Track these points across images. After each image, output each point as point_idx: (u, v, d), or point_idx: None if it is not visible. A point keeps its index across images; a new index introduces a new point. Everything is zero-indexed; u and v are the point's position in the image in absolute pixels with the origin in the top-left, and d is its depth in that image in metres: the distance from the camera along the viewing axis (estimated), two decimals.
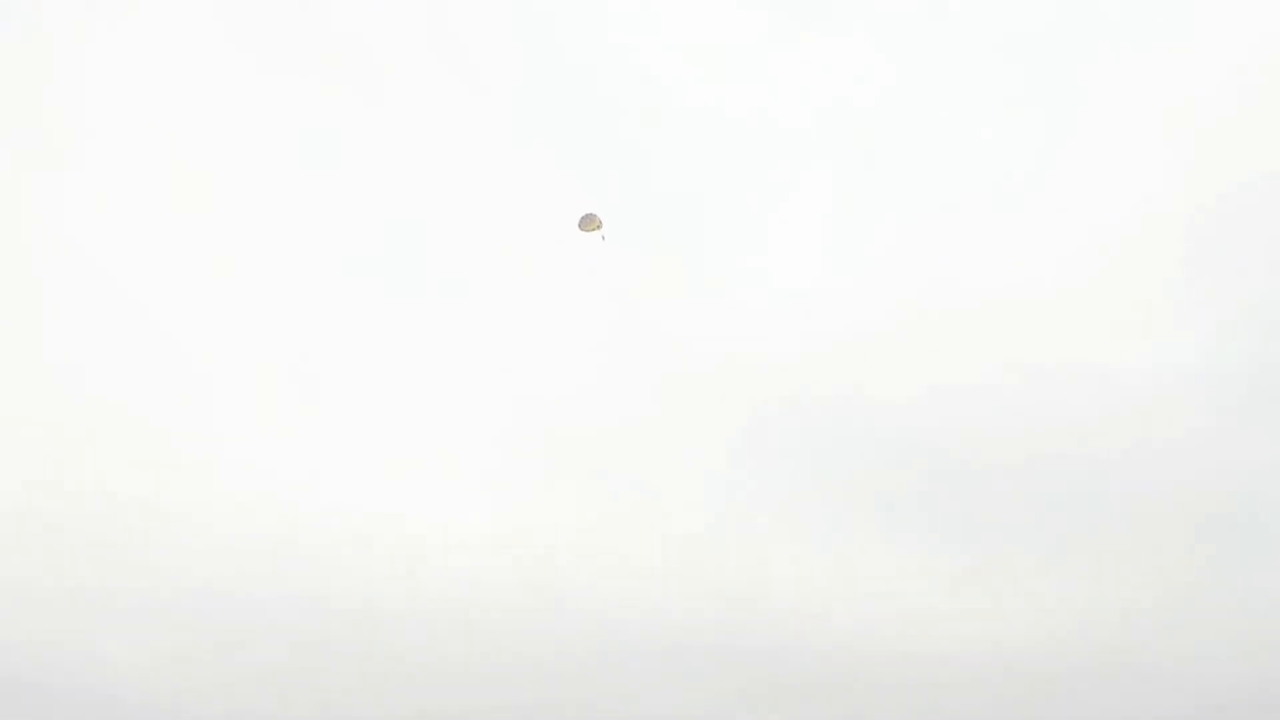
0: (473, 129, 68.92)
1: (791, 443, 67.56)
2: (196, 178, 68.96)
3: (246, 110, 69.04)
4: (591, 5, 68.07)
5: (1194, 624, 62.86)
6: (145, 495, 64.28)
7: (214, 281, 69.28)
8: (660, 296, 68.61)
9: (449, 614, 64.55)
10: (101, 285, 67.34)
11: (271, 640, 63.34)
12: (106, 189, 67.65)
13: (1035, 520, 66.01)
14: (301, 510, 65.52)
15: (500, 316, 69.50)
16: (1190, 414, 65.80)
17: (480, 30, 68.33)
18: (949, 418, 67.35)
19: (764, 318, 68.18)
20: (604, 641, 64.34)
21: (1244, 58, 65.74)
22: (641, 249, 66.14)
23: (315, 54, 68.38)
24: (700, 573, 65.65)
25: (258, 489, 65.52)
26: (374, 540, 65.73)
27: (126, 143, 68.16)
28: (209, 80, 68.71)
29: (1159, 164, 67.19)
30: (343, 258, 69.89)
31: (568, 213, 58.05)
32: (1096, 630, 63.85)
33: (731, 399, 67.89)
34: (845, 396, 67.40)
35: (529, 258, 68.36)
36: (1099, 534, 65.43)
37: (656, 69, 68.18)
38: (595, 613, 64.87)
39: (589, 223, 55.65)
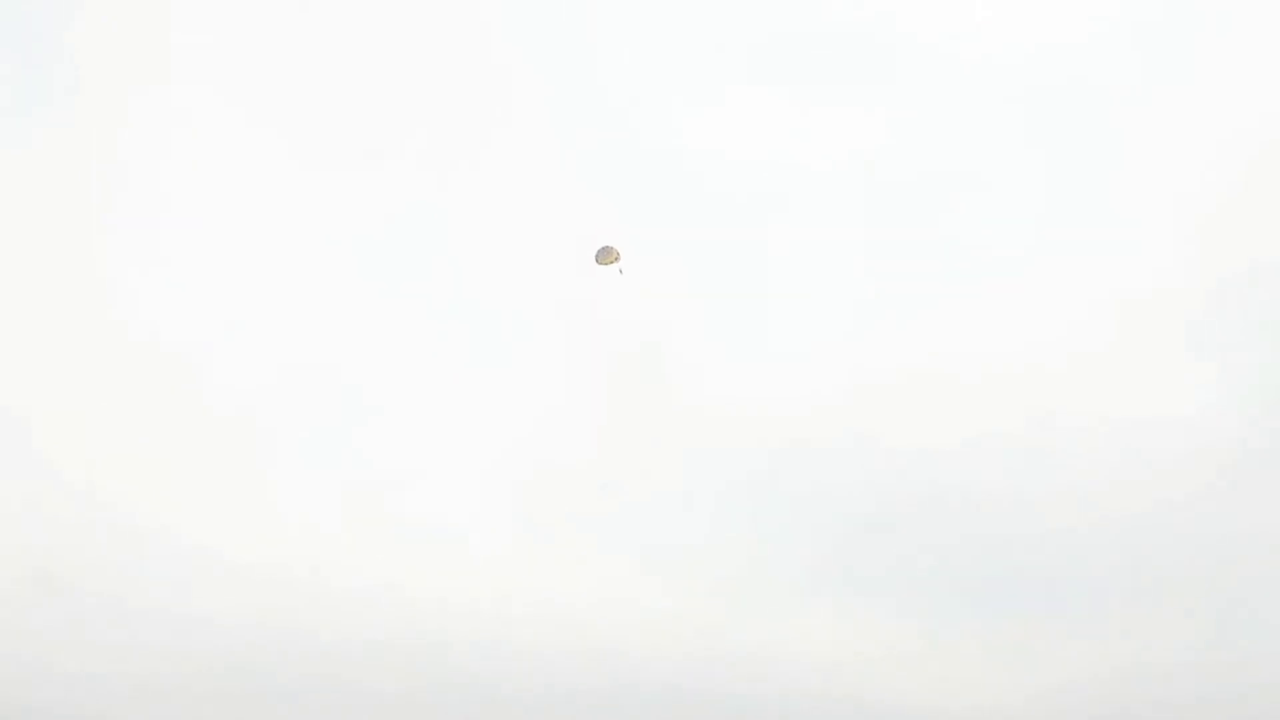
0: (487, 184, 71.12)
1: (793, 494, 67.73)
2: (230, 238, 71.04)
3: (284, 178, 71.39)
4: (624, 63, 70.85)
5: (1195, 684, 62.20)
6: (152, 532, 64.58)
7: (219, 335, 70.78)
8: (665, 348, 69.78)
9: (442, 665, 63.93)
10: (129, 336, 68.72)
11: (252, 682, 62.54)
12: (147, 238, 69.64)
13: (1038, 580, 65.81)
14: (295, 557, 65.51)
15: (502, 367, 70.56)
16: (1193, 476, 66.36)
17: (505, 75, 71.12)
18: (953, 476, 67.77)
19: (771, 369, 69.21)
20: (600, 691, 63.49)
21: (1255, 134, 68.33)
22: (648, 300, 67.44)
23: (353, 112, 71.16)
24: (698, 625, 65.14)
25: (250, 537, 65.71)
26: (373, 589, 65.52)
27: (166, 193, 70.40)
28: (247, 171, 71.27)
29: (1170, 233, 69.21)
30: (341, 315, 71.46)
31: (578, 263, 58.74)
32: (1099, 690, 63.10)
33: (734, 449, 68.29)
34: (848, 450, 67.95)
35: (531, 304, 69.84)
36: (1103, 594, 65.27)
37: (682, 128, 70.69)
38: (591, 663, 64.15)
39: (606, 255, 55.83)
